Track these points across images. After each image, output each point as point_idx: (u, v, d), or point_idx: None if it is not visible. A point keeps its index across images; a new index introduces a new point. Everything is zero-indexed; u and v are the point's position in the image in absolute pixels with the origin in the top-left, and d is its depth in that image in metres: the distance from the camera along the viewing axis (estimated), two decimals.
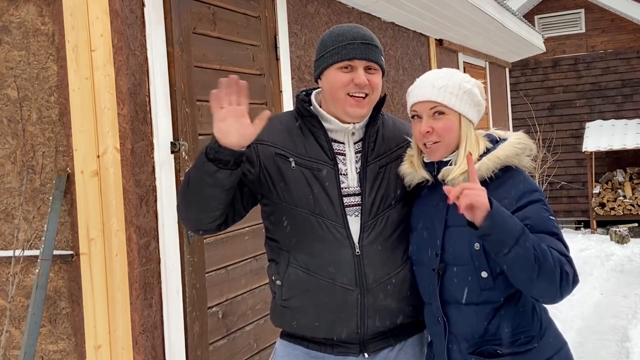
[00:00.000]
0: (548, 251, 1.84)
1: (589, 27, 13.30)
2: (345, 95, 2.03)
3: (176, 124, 2.98)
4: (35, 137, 2.74)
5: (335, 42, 2.05)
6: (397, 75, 5.91)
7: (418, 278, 2.07)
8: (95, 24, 2.62)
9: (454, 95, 2.00)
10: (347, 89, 2.02)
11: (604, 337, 6.02)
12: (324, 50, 2.07)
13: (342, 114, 2.06)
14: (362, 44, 2.03)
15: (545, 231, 1.92)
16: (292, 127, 2.11)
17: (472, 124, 2.03)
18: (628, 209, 12.07)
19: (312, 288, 2.01)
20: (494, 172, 1.97)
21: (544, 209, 1.96)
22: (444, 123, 2.00)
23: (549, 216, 1.96)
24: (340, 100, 2.03)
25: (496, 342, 1.98)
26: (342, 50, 2.03)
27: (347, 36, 2.05)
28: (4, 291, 2.79)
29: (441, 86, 2.00)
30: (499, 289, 1.97)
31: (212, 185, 1.91)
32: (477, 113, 2.06)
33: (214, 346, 3.16)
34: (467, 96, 2.02)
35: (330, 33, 2.10)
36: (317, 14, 4.49)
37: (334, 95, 2.04)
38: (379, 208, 2.05)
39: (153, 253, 2.82)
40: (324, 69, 2.06)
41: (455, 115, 2.01)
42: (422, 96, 2.02)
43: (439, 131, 2.00)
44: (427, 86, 2.02)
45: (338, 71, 2.03)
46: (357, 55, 2.02)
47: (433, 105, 2.00)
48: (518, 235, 1.81)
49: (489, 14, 6.70)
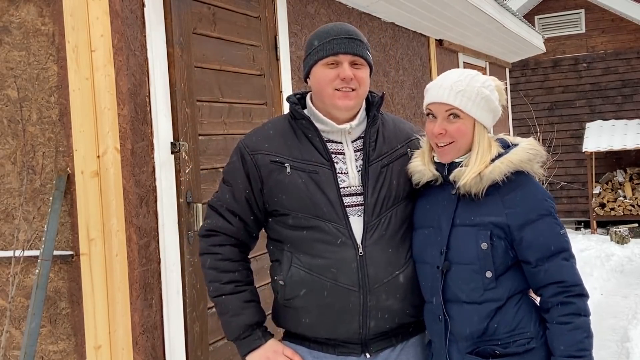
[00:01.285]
0: (590, 338, 1.95)
1: (589, 27, 13.30)
2: (332, 90, 2.04)
3: (176, 124, 2.98)
4: (36, 138, 2.74)
5: (319, 39, 2.07)
6: (397, 75, 5.91)
7: (420, 276, 2.07)
8: (95, 24, 2.62)
9: (470, 100, 2.00)
10: (333, 84, 2.03)
11: (604, 338, 6.01)
12: (310, 49, 2.09)
13: (332, 109, 2.06)
14: (345, 39, 2.04)
15: (557, 249, 1.96)
16: (286, 131, 2.11)
17: (485, 129, 2.04)
18: (628, 209, 12.07)
19: (314, 288, 2.01)
20: (506, 175, 1.98)
21: (555, 223, 1.99)
22: (458, 127, 2.01)
23: (560, 231, 1.99)
24: (328, 95, 2.04)
25: (495, 342, 1.99)
26: (327, 46, 2.04)
27: (331, 33, 2.06)
28: (4, 291, 2.79)
29: (459, 90, 2.00)
30: (502, 289, 1.98)
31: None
32: (493, 119, 2.07)
33: (214, 346, 3.16)
34: (484, 102, 2.02)
35: (315, 32, 2.12)
36: (317, 14, 4.49)
37: (322, 91, 2.05)
38: (382, 208, 2.05)
39: (153, 253, 2.82)
40: (311, 67, 2.07)
41: (470, 120, 2.01)
42: (439, 97, 2.02)
43: (452, 134, 2.01)
44: (446, 88, 2.02)
45: (324, 67, 2.04)
46: (341, 49, 2.03)
47: (449, 108, 2.01)
48: None
49: (489, 14, 6.70)
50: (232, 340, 2.11)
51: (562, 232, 1.99)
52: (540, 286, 1.99)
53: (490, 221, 1.97)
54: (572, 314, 1.93)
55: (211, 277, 2.10)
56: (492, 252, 1.95)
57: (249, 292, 2.10)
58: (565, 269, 1.96)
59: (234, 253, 2.11)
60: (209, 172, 3.19)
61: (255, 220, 2.12)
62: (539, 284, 1.98)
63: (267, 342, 2.07)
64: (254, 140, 2.11)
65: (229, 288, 2.07)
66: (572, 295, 1.94)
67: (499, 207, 1.98)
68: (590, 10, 13.28)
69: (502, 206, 1.97)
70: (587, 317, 1.96)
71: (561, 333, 1.93)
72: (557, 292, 1.95)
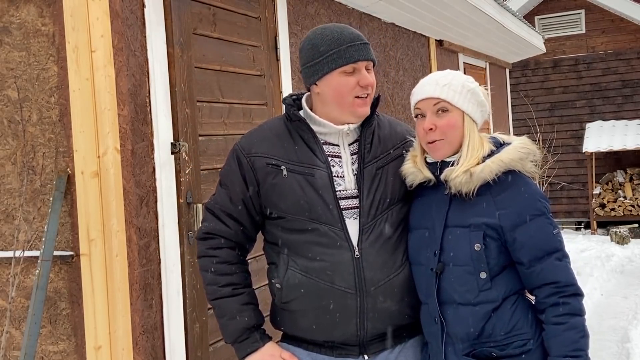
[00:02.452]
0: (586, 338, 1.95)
1: (589, 27, 13.31)
2: (353, 98, 2.01)
3: (176, 125, 2.98)
4: (36, 138, 2.74)
5: (332, 45, 2.00)
6: (397, 75, 5.91)
7: (416, 278, 2.07)
8: (95, 24, 2.62)
9: (457, 92, 2.01)
10: (354, 92, 2.01)
11: (604, 338, 6.01)
12: (319, 56, 2.01)
13: (348, 117, 2.04)
14: (361, 45, 2.02)
15: (550, 250, 1.95)
16: (282, 133, 2.09)
17: (475, 124, 2.04)
18: (628, 210, 12.07)
19: (311, 291, 2.00)
20: (497, 175, 1.97)
21: (548, 223, 1.98)
22: (447, 120, 2.01)
23: (553, 231, 1.98)
24: (348, 104, 2.01)
25: (491, 344, 1.98)
26: (345, 53, 1.99)
27: (344, 39, 2.01)
28: (4, 292, 2.79)
29: (445, 84, 2.02)
30: (497, 290, 1.98)
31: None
32: (481, 113, 2.06)
33: (214, 347, 3.15)
34: (470, 95, 2.03)
35: (321, 36, 2.03)
36: (317, 15, 4.49)
37: (341, 100, 2.01)
38: (378, 210, 2.04)
39: (153, 254, 2.82)
40: (324, 74, 2.01)
41: (458, 113, 2.02)
42: (425, 93, 2.03)
43: (442, 128, 2.01)
44: (431, 84, 2.04)
45: (342, 75, 2.00)
46: (362, 57, 2.01)
47: (436, 101, 2.01)
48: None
49: (489, 14, 6.70)
50: (230, 343, 2.11)
51: (555, 232, 1.98)
52: (534, 287, 1.98)
53: (483, 222, 1.96)
54: (567, 314, 1.93)
55: (209, 280, 2.10)
56: (486, 253, 1.95)
57: (246, 295, 2.10)
58: (559, 269, 1.96)
59: (231, 256, 2.10)
60: (209, 172, 3.19)
61: (253, 222, 2.11)
62: (534, 285, 1.98)
63: (265, 345, 2.07)
64: (250, 142, 2.10)
65: (227, 291, 2.07)
66: (566, 296, 1.94)
67: (491, 207, 1.97)
68: (590, 11, 13.28)
69: (494, 207, 1.97)
70: (582, 316, 1.95)
71: (556, 333, 1.93)
72: (551, 292, 1.95)
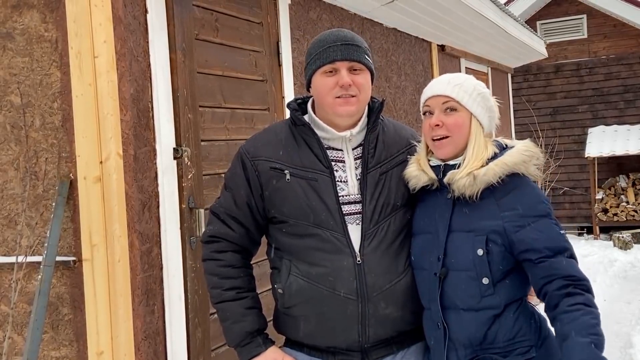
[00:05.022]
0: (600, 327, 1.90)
1: (591, 32, 13.31)
2: (333, 98, 2.02)
3: (179, 130, 2.98)
4: (38, 143, 2.75)
5: (317, 48, 2.06)
6: (399, 80, 5.91)
7: (418, 283, 2.06)
8: (98, 30, 2.63)
9: (467, 94, 2.02)
10: (333, 92, 2.02)
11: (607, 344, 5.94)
12: (308, 58, 2.09)
13: (334, 117, 2.05)
14: (342, 45, 2.03)
15: (559, 249, 1.93)
16: (286, 137, 2.10)
17: (482, 128, 2.04)
18: (631, 215, 12.04)
19: (313, 297, 2.00)
20: (501, 178, 1.97)
21: (553, 223, 1.97)
22: (454, 119, 2.02)
23: (559, 231, 1.96)
24: (329, 104, 2.04)
25: (494, 351, 1.98)
26: (323, 54, 2.03)
27: (327, 40, 2.06)
28: (6, 297, 2.79)
29: (456, 84, 2.04)
30: (500, 296, 1.97)
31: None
32: (489, 119, 2.07)
33: (216, 352, 3.15)
34: (480, 98, 2.04)
35: (313, 41, 2.12)
36: (319, 20, 4.50)
37: (323, 100, 2.05)
38: (380, 215, 2.04)
39: (155, 259, 2.82)
40: (311, 76, 2.07)
41: (466, 114, 2.02)
42: (436, 91, 2.05)
43: (448, 126, 2.01)
44: (443, 82, 2.06)
45: (323, 76, 2.04)
46: (338, 56, 2.02)
47: (446, 99, 2.02)
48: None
49: (491, 19, 6.71)
50: (233, 347, 2.11)
51: (560, 233, 1.96)
52: (545, 282, 1.91)
53: (487, 225, 1.95)
54: (583, 304, 1.87)
55: (213, 284, 2.10)
56: (488, 258, 1.94)
57: (250, 299, 2.10)
58: (570, 265, 1.92)
59: (235, 259, 2.10)
60: (211, 177, 3.19)
61: (257, 226, 2.12)
62: (544, 279, 1.91)
63: (268, 350, 2.07)
64: (255, 146, 2.11)
65: (231, 294, 2.07)
66: (580, 288, 1.89)
67: (495, 210, 1.96)
68: (592, 16, 13.28)
69: (497, 209, 1.96)
70: (597, 309, 1.90)
71: (575, 317, 1.85)
72: (565, 284, 1.89)
